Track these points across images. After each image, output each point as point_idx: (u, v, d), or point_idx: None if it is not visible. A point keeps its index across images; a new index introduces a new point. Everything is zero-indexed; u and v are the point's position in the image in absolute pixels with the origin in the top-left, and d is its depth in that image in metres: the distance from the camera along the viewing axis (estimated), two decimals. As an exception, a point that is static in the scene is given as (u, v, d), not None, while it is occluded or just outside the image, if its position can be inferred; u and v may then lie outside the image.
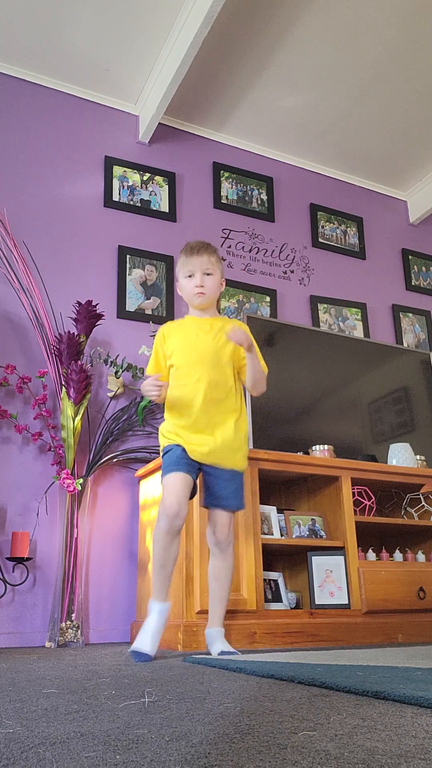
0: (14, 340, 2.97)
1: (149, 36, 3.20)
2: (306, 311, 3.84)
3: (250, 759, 0.65)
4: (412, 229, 4.47)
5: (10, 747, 0.73)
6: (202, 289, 2.11)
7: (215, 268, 2.13)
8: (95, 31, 3.17)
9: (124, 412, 3.02)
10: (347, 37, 3.21)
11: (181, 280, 2.17)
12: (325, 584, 2.64)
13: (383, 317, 4.10)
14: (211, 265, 2.12)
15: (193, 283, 2.12)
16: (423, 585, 2.75)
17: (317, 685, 1.19)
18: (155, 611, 1.92)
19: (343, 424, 3.30)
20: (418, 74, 3.46)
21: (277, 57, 3.34)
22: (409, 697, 0.99)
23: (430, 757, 0.65)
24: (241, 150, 3.98)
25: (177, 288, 2.24)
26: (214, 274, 2.13)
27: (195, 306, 2.16)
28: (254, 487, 2.57)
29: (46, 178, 3.32)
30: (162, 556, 1.94)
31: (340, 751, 0.68)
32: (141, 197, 3.56)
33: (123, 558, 2.89)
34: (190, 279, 2.12)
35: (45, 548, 2.74)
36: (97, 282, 3.26)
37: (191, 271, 2.12)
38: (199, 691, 1.16)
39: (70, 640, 2.52)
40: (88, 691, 1.19)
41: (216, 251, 2.18)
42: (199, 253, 2.11)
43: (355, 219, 4.23)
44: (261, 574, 2.45)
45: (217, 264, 2.14)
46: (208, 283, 2.12)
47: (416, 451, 3.28)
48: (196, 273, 2.11)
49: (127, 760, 0.66)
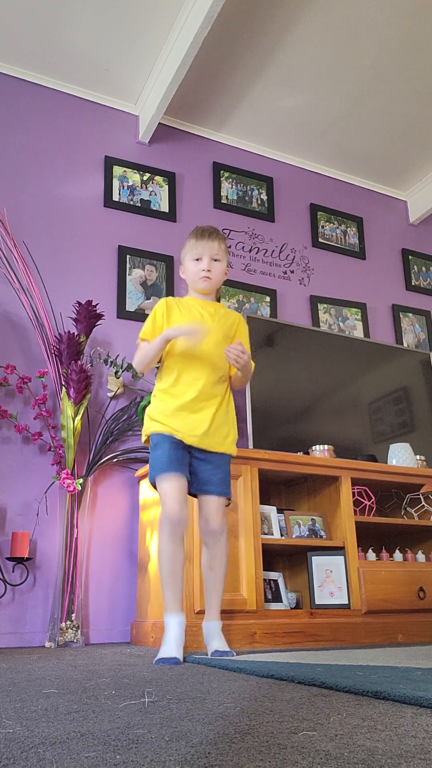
0: (14, 340, 2.97)
1: (149, 36, 3.20)
2: (306, 311, 3.84)
3: (250, 759, 0.65)
4: (412, 229, 4.47)
5: (10, 747, 0.73)
6: (209, 273, 2.11)
7: (223, 255, 2.14)
8: (95, 31, 3.17)
9: (124, 412, 3.02)
10: (347, 37, 3.21)
11: (187, 263, 2.16)
12: (325, 584, 2.64)
13: (383, 317, 4.10)
14: (221, 252, 2.13)
15: (200, 266, 2.12)
16: (423, 585, 2.75)
17: (317, 685, 1.19)
18: (174, 623, 1.85)
19: (343, 424, 3.30)
20: (418, 74, 3.46)
21: (277, 57, 3.34)
22: (409, 697, 0.99)
23: (430, 757, 0.65)
24: (241, 150, 3.98)
25: (180, 271, 2.23)
26: (222, 260, 2.14)
27: (198, 290, 2.16)
28: (254, 487, 2.57)
29: (46, 178, 3.32)
30: (170, 564, 1.90)
31: (340, 751, 0.68)
32: (141, 197, 3.56)
33: (123, 558, 2.89)
34: (197, 262, 2.13)
35: (45, 548, 2.74)
36: (97, 282, 3.26)
37: (200, 255, 2.12)
38: (199, 691, 1.16)
39: (70, 640, 2.52)
40: (88, 691, 1.19)
41: (225, 239, 2.19)
42: (210, 237, 2.12)
43: (355, 219, 4.23)
44: (261, 574, 2.45)
45: (225, 251, 2.16)
46: (216, 268, 2.13)
47: (416, 451, 3.28)
48: (205, 257, 2.11)
49: (127, 760, 0.66)
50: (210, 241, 2.11)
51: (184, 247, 2.19)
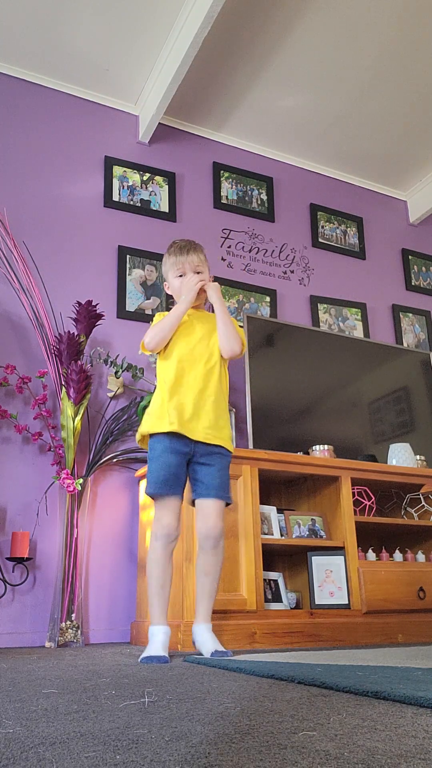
0: (14, 340, 2.97)
1: (149, 36, 3.20)
2: (306, 311, 3.83)
3: (250, 759, 0.65)
4: (412, 229, 4.47)
5: (10, 747, 0.73)
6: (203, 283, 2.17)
7: (204, 266, 2.21)
8: (95, 31, 3.17)
9: (124, 412, 3.02)
10: (347, 37, 3.21)
11: (171, 280, 2.22)
12: (325, 584, 2.64)
13: (383, 317, 4.10)
14: (201, 263, 2.20)
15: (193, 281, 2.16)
16: (423, 585, 2.75)
17: (317, 685, 1.19)
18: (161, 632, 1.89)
19: (343, 424, 3.30)
20: (418, 74, 3.46)
21: (277, 57, 3.34)
22: (409, 697, 0.99)
23: (430, 757, 0.65)
24: (241, 150, 3.98)
25: (165, 287, 2.29)
26: (204, 272, 2.20)
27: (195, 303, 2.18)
28: (254, 487, 2.57)
29: (46, 178, 3.32)
30: (161, 577, 1.95)
31: (340, 751, 0.68)
32: (141, 197, 3.56)
33: (123, 558, 2.89)
34: (181, 278, 2.19)
35: (45, 548, 2.74)
36: (97, 282, 3.26)
37: (182, 270, 2.19)
38: (199, 691, 1.16)
39: (70, 640, 2.52)
40: (88, 691, 1.19)
41: (203, 250, 2.25)
42: (189, 252, 2.19)
43: (355, 219, 4.23)
44: (261, 574, 2.45)
45: (205, 261, 2.23)
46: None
47: (416, 451, 3.28)
48: (187, 272, 2.18)
49: (127, 760, 0.66)
50: (189, 255, 2.18)
51: (165, 264, 2.26)
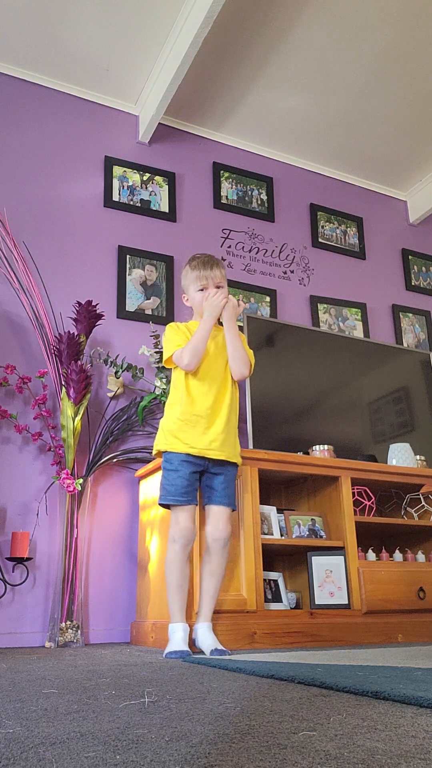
0: (14, 340, 2.97)
1: (149, 36, 3.20)
2: (306, 311, 3.83)
3: (250, 759, 0.65)
4: (412, 229, 4.47)
5: (10, 747, 0.73)
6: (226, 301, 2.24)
7: (224, 282, 2.31)
8: (95, 31, 3.17)
9: (124, 412, 3.02)
10: (347, 37, 3.21)
11: (193, 293, 2.31)
12: (325, 584, 2.64)
13: (383, 317, 4.10)
14: (222, 278, 2.30)
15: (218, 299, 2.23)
16: (423, 585, 2.75)
17: (317, 685, 1.19)
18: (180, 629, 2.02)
19: (343, 424, 3.30)
20: (418, 74, 3.46)
21: (277, 57, 3.34)
22: (409, 697, 0.99)
23: (430, 757, 0.65)
24: (241, 150, 3.98)
25: (183, 299, 2.38)
26: (224, 287, 2.30)
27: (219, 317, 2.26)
28: (254, 487, 2.57)
29: (46, 178, 3.32)
30: (179, 577, 2.09)
31: (340, 751, 0.68)
32: (141, 197, 3.56)
33: (123, 558, 2.89)
34: (202, 292, 2.27)
35: (45, 548, 2.74)
36: (97, 282, 3.26)
37: (204, 285, 2.27)
38: (199, 691, 1.16)
39: (70, 640, 2.52)
40: (88, 691, 1.19)
41: (224, 265, 2.37)
42: (212, 268, 2.28)
43: (355, 219, 4.23)
44: (261, 574, 2.45)
45: (224, 277, 2.33)
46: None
47: (416, 451, 3.28)
48: (210, 287, 2.27)
49: (127, 760, 0.66)
50: (213, 270, 2.28)
51: (186, 277, 2.34)
